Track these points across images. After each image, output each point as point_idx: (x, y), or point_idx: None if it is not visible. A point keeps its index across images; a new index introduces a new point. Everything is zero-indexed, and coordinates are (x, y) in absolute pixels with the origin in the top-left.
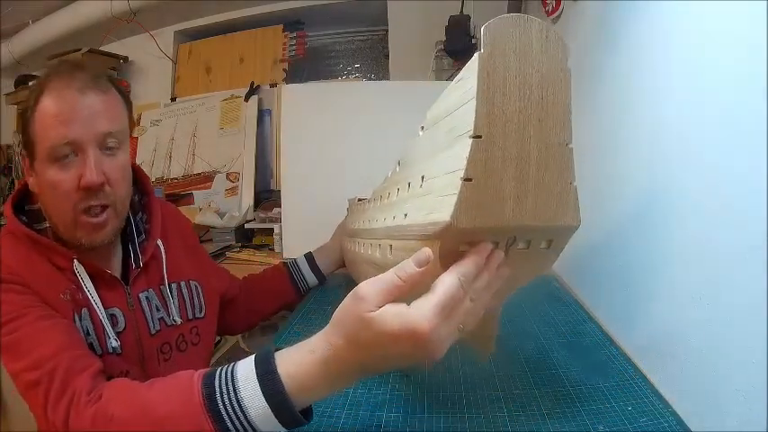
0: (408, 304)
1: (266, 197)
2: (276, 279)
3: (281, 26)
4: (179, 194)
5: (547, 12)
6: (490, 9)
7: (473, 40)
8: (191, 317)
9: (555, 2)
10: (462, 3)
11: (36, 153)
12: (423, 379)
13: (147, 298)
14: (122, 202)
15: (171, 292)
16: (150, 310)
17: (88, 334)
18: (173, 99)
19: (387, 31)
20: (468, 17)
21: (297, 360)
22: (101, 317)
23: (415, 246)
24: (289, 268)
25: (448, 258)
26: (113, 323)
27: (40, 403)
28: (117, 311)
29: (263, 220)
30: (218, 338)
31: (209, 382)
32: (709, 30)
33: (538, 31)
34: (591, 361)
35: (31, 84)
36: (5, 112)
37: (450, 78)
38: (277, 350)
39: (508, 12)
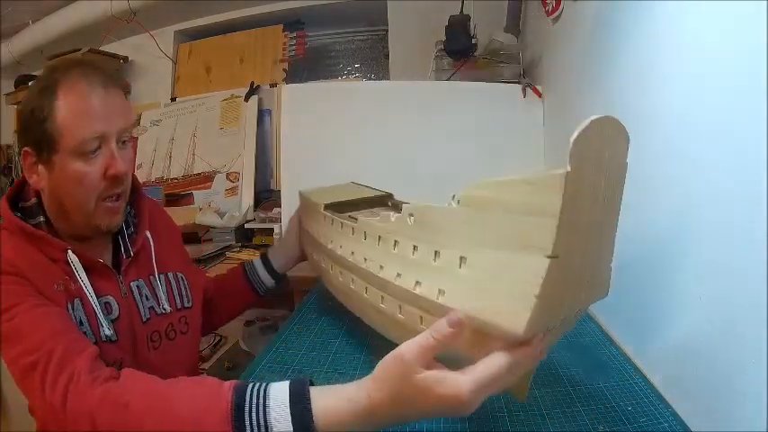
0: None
1: (266, 197)
2: (237, 280)
3: (281, 26)
4: (179, 194)
5: (547, 12)
6: (490, 9)
7: (473, 40)
8: (179, 306)
9: (555, 2)
10: (462, 3)
11: (58, 148)
12: None
13: (137, 287)
14: (129, 189)
15: (159, 282)
16: (141, 299)
17: (81, 324)
18: (173, 99)
19: (387, 31)
20: (468, 17)
21: (332, 405)
22: (94, 306)
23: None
24: (245, 269)
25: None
26: (108, 311)
27: (37, 385)
28: (111, 300)
29: (263, 220)
30: (218, 338)
31: (240, 393)
32: (710, 29)
33: (611, 131)
34: (591, 361)
35: (31, 84)
36: (5, 112)
37: (451, 79)
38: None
39: (508, 12)
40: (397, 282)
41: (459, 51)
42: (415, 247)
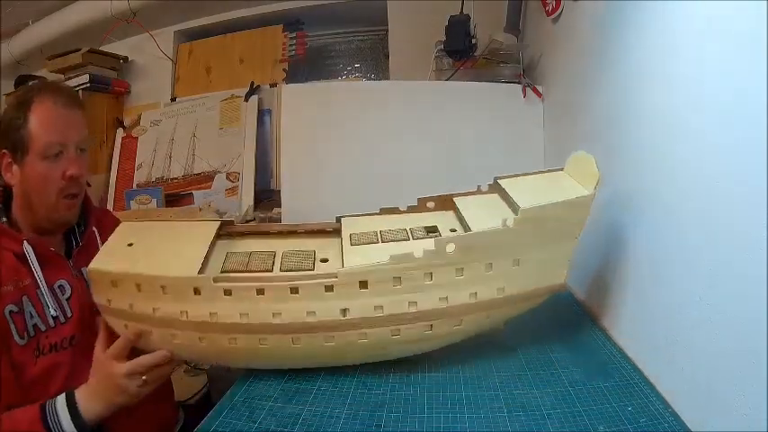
0: None
1: (266, 197)
2: None
3: (280, 26)
4: (179, 194)
5: (547, 12)
6: (490, 9)
7: (473, 40)
8: None
9: (555, 2)
10: (462, 3)
11: (29, 150)
12: (423, 379)
13: (86, 272)
14: (84, 190)
15: None
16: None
17: (32, 316)
18: (173, 99)
19: (387, 31)
20: (468, 17)
21: (81, 389)
22: (43, 290)
23: (521, 307)
24: None
25: None
26: (62, 292)
27: None
28: (64, 282)
29: (263, 220)
30: None
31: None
32: (710, 30)
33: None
34: (591, 361)
35: (10, 98)
36: None
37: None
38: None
39: (508, 12)
40: (445, 305)
41: (459, 51)
42: (460, 269)
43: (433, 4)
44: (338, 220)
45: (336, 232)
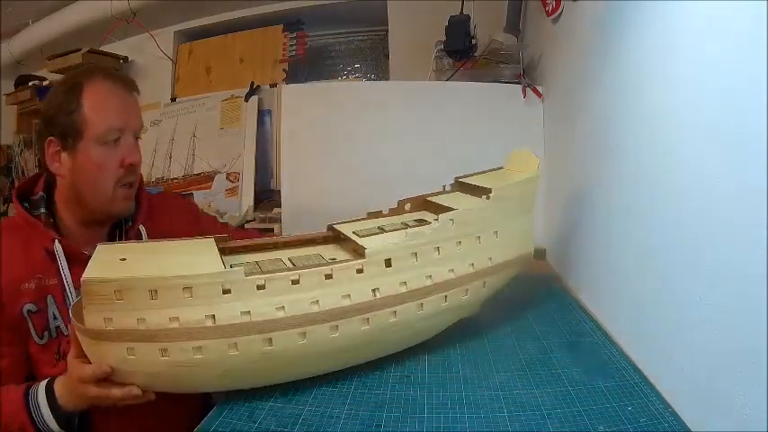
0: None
1: (266, 197)
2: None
3: (281, 26)
4: (179, 195)
5: (547, 12)
6: (490, 9)
7: (473, 40)
8: None
9: (555, 2)
10: (462, 3)
11: (83, 136)
12: (423, 379)
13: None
14: (139, 179)
15: None
16: None
17: (55, 318)
18: (173, 99)
19: (387, 31)
20: (468, 17)
21: (59, 380)
22: (68, 295)
23: (505, 275)
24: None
25: None
26: None
27: None
28: None
29: (263, 220)
30: None
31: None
32: (710, 30)
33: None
34: (591, 361)
35: (55, 86)
36: (5, 112)
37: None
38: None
39: (508, 12)
40: (453, 275)
41: (459, 51)
42: (459, 243)
43: (433, 4)
44: (329, 228)
45: (326, 240)
